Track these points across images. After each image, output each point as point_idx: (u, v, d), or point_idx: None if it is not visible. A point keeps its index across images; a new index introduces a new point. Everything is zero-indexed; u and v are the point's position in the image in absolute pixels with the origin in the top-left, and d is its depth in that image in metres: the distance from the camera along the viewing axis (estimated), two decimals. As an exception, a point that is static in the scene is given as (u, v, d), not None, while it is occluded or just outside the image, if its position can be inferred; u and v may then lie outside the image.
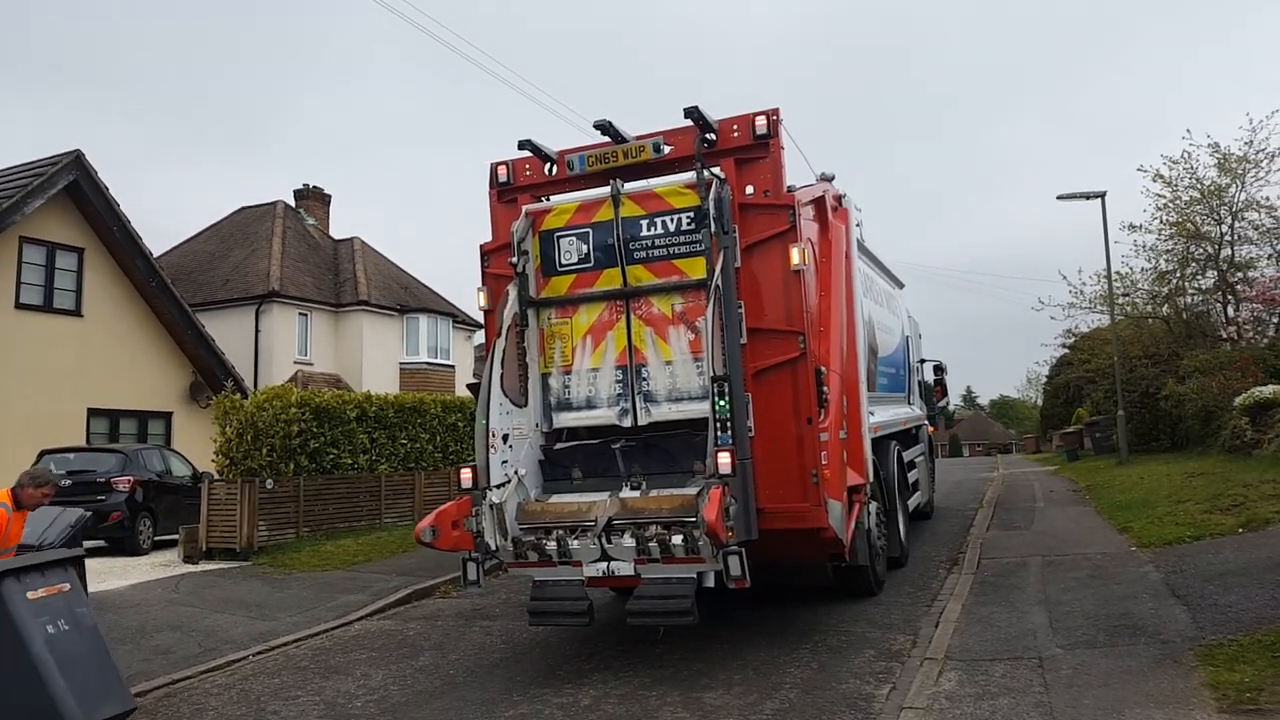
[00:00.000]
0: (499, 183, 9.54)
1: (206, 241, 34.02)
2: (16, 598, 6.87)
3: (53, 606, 7.06)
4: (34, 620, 6.87)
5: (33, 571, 7.05)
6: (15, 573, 6.93)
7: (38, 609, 6.93)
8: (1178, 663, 6.97)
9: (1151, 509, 14.57)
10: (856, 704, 6.81)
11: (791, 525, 8.19)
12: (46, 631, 6.90)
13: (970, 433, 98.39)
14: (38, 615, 6.90)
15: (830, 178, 10.75)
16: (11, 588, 6.87)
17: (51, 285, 21.85)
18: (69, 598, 7.23)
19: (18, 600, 6.87)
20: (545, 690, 7.69)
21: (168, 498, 17.97)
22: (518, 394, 8.90)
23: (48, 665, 6.77)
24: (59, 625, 7.00)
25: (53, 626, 6.95)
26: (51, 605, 7.05)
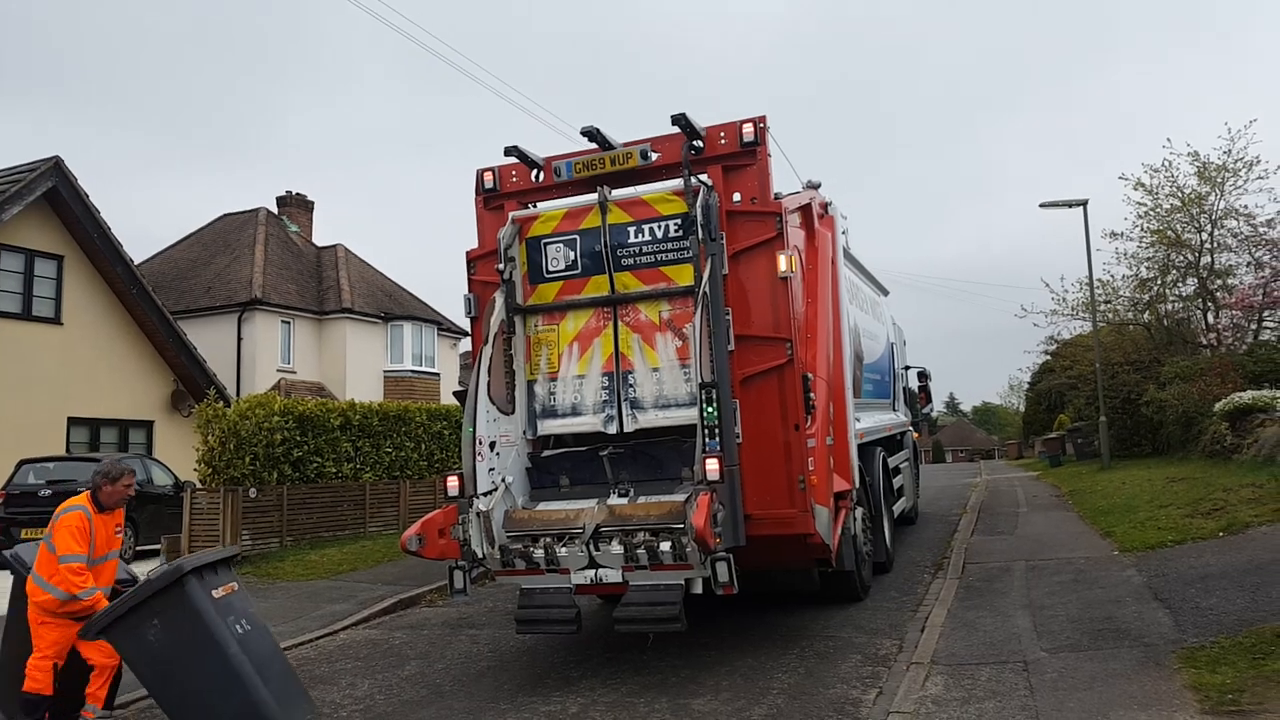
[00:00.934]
0: (485, 189, 9.54)
1: (188, 249, 33.88)
2: (204, 597, 6.65)
3: (234, 606, 6.90)
4: (223, 620, 6.68)
5: (208, 570, 6.85)
6: (198, 570, 6.69)
7: (223, 608, 6.75)
8: (1160, 665, 7.02)
9: (1133, 514, 14.67)
10: (844, 709, 6.84)
11: (779, 531, 8.21)
12: (236, 631, 6.71)
13: (954, 439, 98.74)
14: (224, 615, 6.71)
15: (817, 185, 10.80)
16: (197, 587, 6.64)
17: (30, 293, 21.75)
18: (242, 596, 7.11)
19: (206, 600, 6.65)
20: (533, 699, 7.68)
21: (150, 507, 17.84)
22: (504, 401, 8.90)
23: (245, 666, 6.59)
24: (243, 625, 6.83)
25: (239, 626, 6.78)
26: (233, 604, 6.89)
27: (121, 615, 6.63)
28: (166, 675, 6.64)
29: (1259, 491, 13.38)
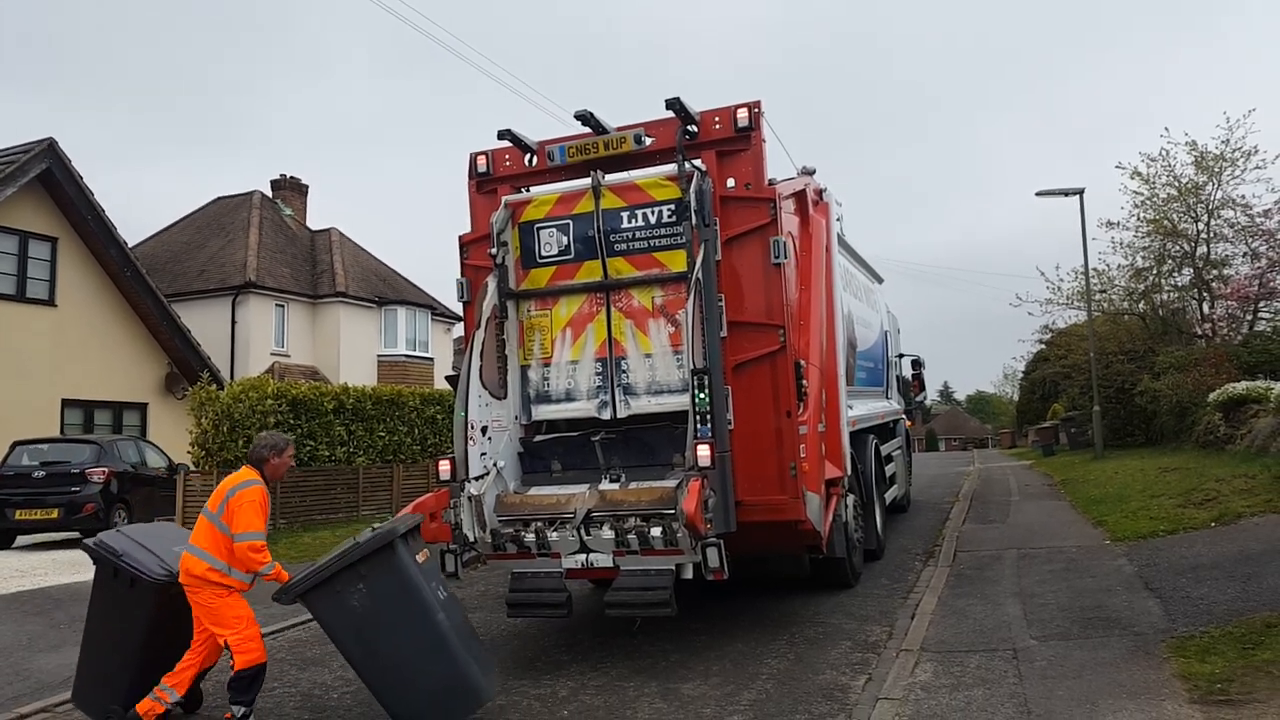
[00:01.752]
0: (478, 173, 9.49)
1: (182, 231, 33.78)
2: (412, 562, 6.54)
3: (432, 572, 6.81)
4: (428, 585, 6.56)
5: (412, 534, 6.77)
6: (405, 535, 6.59)
7: (426, 573, 6.64)
8: (1150, 654, 7.04)
9: (1125, 503, 14.71)
10: (833, 695, 6.84)
11: (770, 517, 8.20)
12: (439, 597, 6.60)
13: (947, 427, 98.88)
14: (428, 580, 6.61)
15: (811, 171, 10.76)
16: (405, 551, 6.52)
17: (24, 274, 21.72)
18: (433, 563, 7.05)
19: (413, 564, 6.54)
20: (523, 681, 7.68)
21: (143, 489, 17.87)
22: (497, 386, 8.87)
23: (450, 633, 6.47)
24: (442, 591, 6.72)
25: (440, 592, 6.68)
26: (431, 570, 6.79)
27: (326, 580, 6.45)
28: (371, 642, 6.46)
29: (1251, 482, 13.41)
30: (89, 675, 7.14)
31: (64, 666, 8.89)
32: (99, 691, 7.03)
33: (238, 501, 6.66)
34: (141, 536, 7.24)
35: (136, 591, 6.89)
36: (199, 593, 6.65)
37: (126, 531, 7.35)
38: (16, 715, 7.59)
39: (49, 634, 10.08)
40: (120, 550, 6.97)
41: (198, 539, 6.74)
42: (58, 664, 9.01)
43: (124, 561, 6.91)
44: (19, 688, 8.33)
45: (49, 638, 9.94)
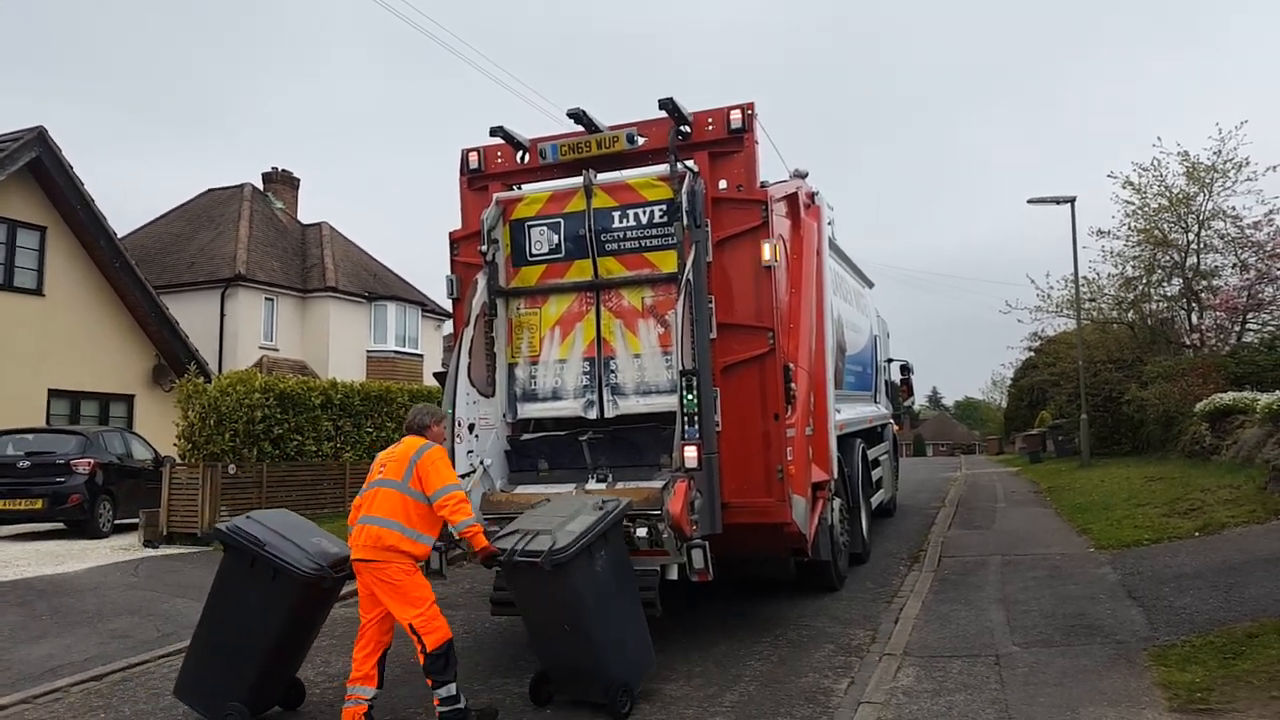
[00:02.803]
0: (470, 169, 9.48)
1: (172, 223, 33.65)
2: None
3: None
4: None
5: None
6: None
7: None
8: (1131, 662, 7.07)
9: (1111, 511, 14.75)
10: (815, 698, 6.85)
11: (756, 520, 8.20)
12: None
13: (935, 433, 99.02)
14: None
15: (804, 174, 10.76)
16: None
17: (12, 263, 21.62)
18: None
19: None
20: (507, 680, 7.67)
21: (128, 481, 17.80)
22: (485, 384, 8.86)
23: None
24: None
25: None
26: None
27: (587, 547, 6.56)
28: (606, 607, 6.70)
29: (1236, 493, 13.47)
30: (203, 669, 6.88)
31: (46, 658, 8.89)
32: (216, 687, 6.75)
33: (428, 462, 6.61)
34: (279, 525, 7.03)
35: (279, 584, 6.68)
36: (387, 568, 6.46)
37: (260, 519, 7.07)
38: (-5, 706, 7.56)
39: (30, 625, 10.03)
40: (263, 540, 6.76)
41: (383, 510, 6.54)
42: (39, 655, 8.99)
43: (268, 552, 6.69)
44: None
45: (30, 629, 9.89)
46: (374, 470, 6.80)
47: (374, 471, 6.79)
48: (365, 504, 6.64)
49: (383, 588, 6.48)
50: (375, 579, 6.48)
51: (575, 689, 6.88)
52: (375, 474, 6.75)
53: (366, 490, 6.72)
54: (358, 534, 6.56)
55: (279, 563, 6.66)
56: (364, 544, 6.49)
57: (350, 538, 6.67)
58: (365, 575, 6.53)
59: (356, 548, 6.55)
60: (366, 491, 6.71)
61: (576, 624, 6.60)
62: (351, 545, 6.63)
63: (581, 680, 6.78)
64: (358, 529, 6.58)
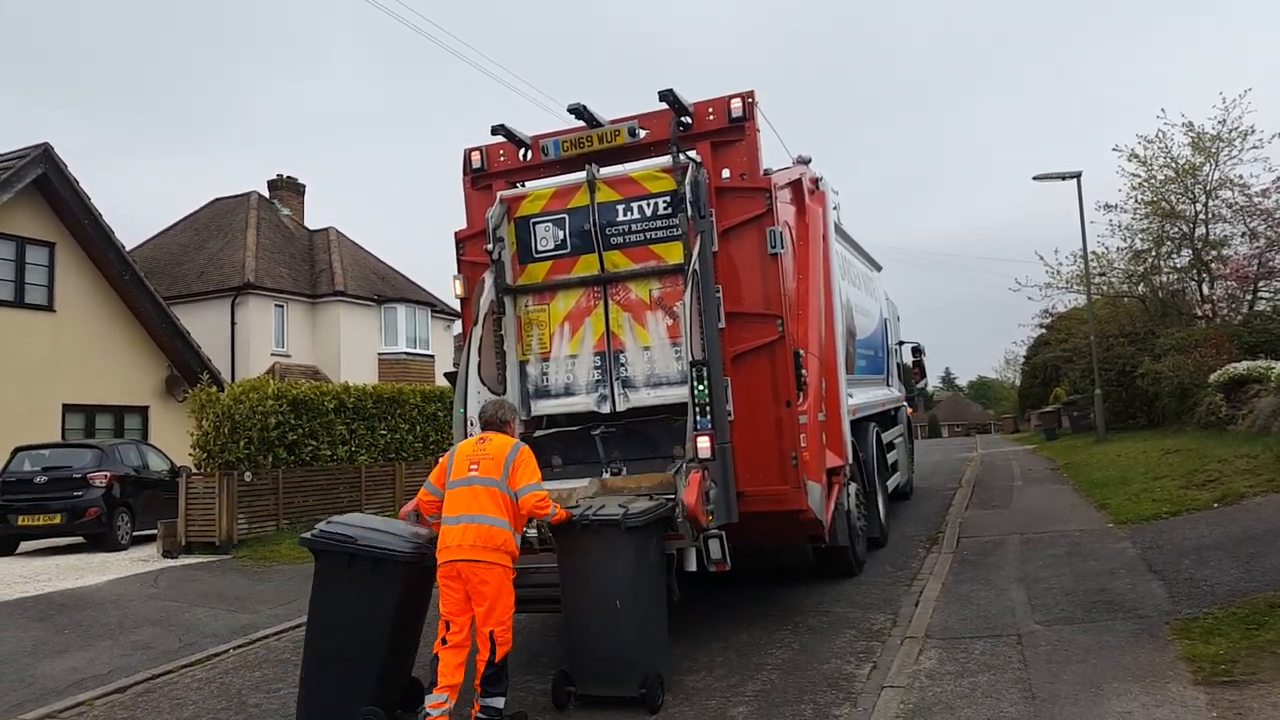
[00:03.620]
0: (473, 169, 9.47)
1: (180, 234, 33.77)
2: None
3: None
4: None
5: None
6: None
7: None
8: (1154, 637, 7.04)
9: (1128, 486, 14.70)
10: (838, 684, 6.84)
11: (771, 508, 8.19)
12: None
13: (949, 414, 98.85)
14: None
15: (807, 160, 10.73)
16: None
17: (22, 280, 21.71)
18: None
19: None
20: (528, 677, 7.68)
21: (145, 492, 17.86)
22: (496, 382, 8.86)
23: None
24: None
25: None
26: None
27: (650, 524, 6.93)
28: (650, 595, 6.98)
29: (1254, 462, 13.41)
30: (323, 684, 6.66)
31: (68, 671, 8.94)
32: (341, 697, 6.55)
33: (522, 461, 6.67)
34: (360, 521, 7.04)
35: (382, 575, 6.60)
36: (491, 570, 6.35)
37: (341, 520, 6.97)
38: (21, 722, 7.61)
39: (53, 639, 10.08)
40: (354, 535, 6.70)
41: (490, 509, 6.44)
42: (62, 669, 9.05)
43: (364, 545, 6.62)
44: (23, 694, 8.35)
45: (53, 644, 9.94)
46: (460, 466, 6.65)
47: (460, 468, 6.64)
48: (463, 502, 6.47)
49: (486, 589, 6.33)
50: (481, 579, 6.32)
51: (605, 682, 6.82)
52: (464, 470, 6.60)
53: (460, 486, 6.55)
54: (460, 532, 6.37)
55: (380, 552, 6.61)
56: (473, 542, 6.33)
57: (446, 536, 6.44)
58: (470, 575, 6.34)
59: (461, 546, 6.33)
60: (459, 489, 6.54)
61: (627, 601, 6.70)
62: (448, 544, 6.40)
63: (614, 670, 6.75)
64: (460, 528, 6.39)
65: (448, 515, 6.53)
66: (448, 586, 6.41)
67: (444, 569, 6.40)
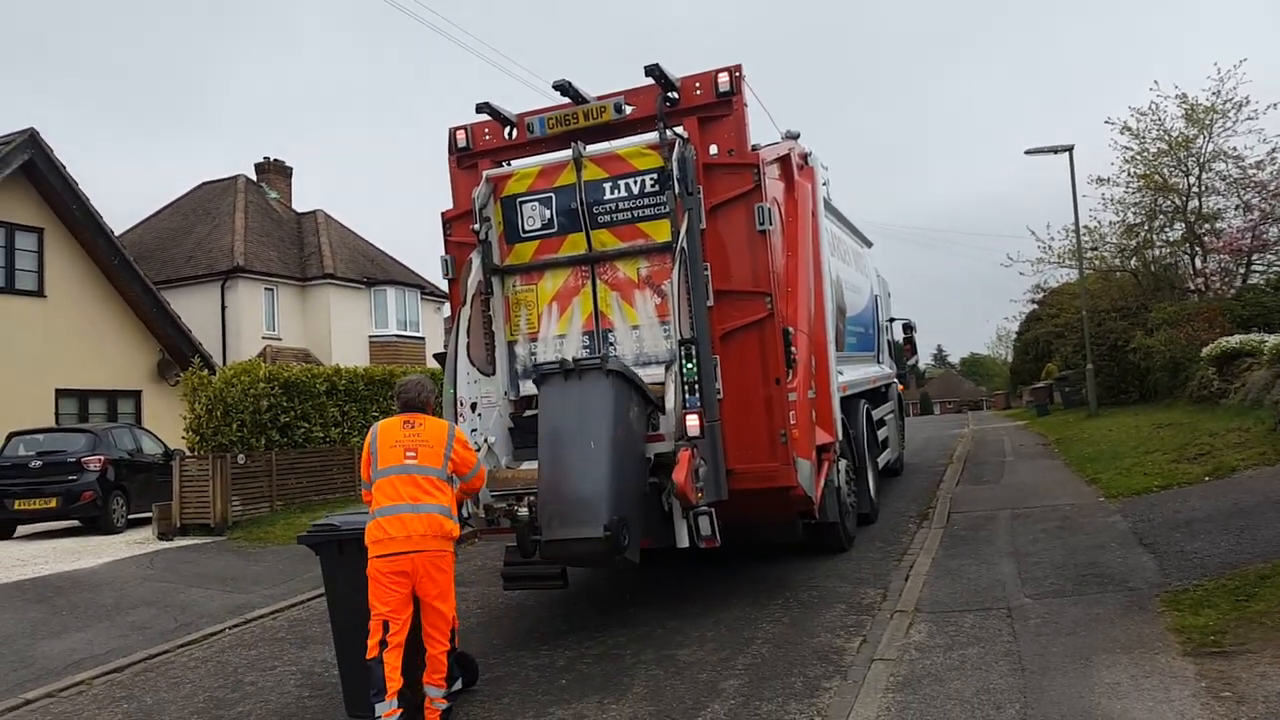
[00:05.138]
0: (458, 148, 9.42)
1: (168, 218, 33.65)
2: None
3: None
4: None
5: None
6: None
7: None
8: (1144, 609, 7.07)
9: (1120, 460, 14.75)
10: (828, 657, 6.86)
11: (761, 485, 8.19)
12: None
13: (941, 390, 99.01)
14: None
15: (795, 136, 10.69)
16: None
17: (12, 266, 21.66)
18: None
19: None
20: (521, 653, 7.71)
21: (140, 476, 17.90)
22: (485, 362, 8.85)
23: None
24: None
25: None
26: None
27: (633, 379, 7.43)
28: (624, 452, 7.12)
29: (1245, 435, 13.46)
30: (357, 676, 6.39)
31: (66, 652, 9.00)
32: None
33: (461, 446, 6.53)
34: (344, 515, 7.00)
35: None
36: (443, 559, 6.18)
37: (327, 518, 6.97)
38: (22, 701, 7.64)
39: (51, 621, 10.13)
40: (337, 524, 6.70)
41: (434, 496, 6.20)
42: (61, 649, 9.11)
43: (346, 529, 6.55)
44: (23, 674, 8.41)
45: (51, 625, 9.99)
46: (392, 453, 6.28)
47: (394, 454, 6.27)
48: (404, 490, 6.15)
49: (437, 578, 6.13)
50: (433, 567, 6.09)
51: (572, 525, 6.73)
52: (398, 457, 6.25)
53: (396, 474, 6.20)
54: (404, 522, 6.06)
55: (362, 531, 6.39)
56: (423, 532, 6.05)
57: (386, 527, 6.08)
58: (425, 565, 6.08)
59: (411, 538, 6.03)
60: (396, 477, 6.19)
61: (602, 444, 6.86)
62: (390, 535, 6.05)
63: (582, 513, 6.71)
64: (403, 517, 6.07)
65: (384, 505, 6.16)
66: (390, 581, 6.05)
67: (386, 562, 6.05)
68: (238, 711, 7.04)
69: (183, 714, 7.08)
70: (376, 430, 6.48)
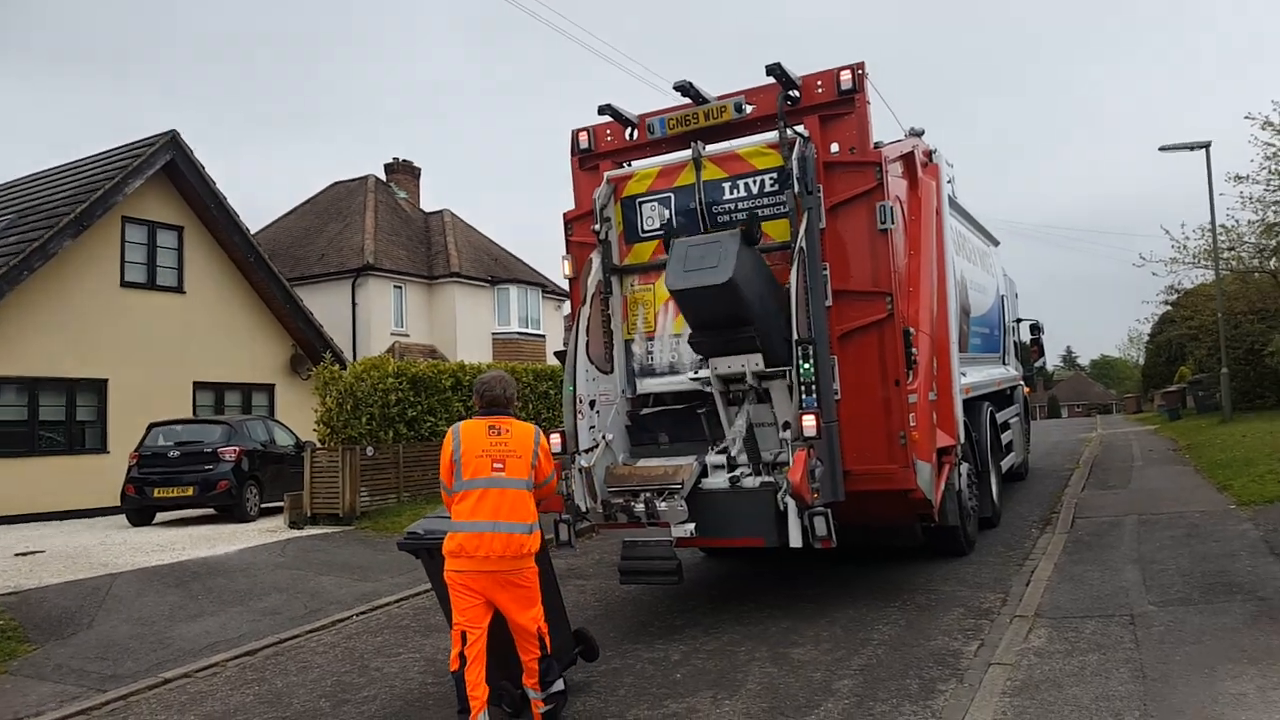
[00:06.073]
0: (580, 149, 9.59)
1: (301, 217, 34.78)
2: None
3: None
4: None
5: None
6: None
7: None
8: (1274, 620, 6.87)
9: (1253, 467, 14.21)
10: (945, 660, 6.84)
11: (879, 487, 8.16)
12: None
13: (1069, 393, 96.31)
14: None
15: (920, 132, 10.57)
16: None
17: (154, 263, 22.56)
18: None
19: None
20: (637, 645, 7.84)
21: (272, 466, 18.54)
22: (603, 361, 8.99)
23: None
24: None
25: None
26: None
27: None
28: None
29: (1387, 443, 12.87)
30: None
31: (202, 634, 9.42)
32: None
33: (545, 451, 6.33)
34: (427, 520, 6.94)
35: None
36: (519, 575, 5.97)
37: (415, 524, 6.96)
38: (161, 680, 8.05)
39: (188, 605, 10.59)
40: (420, 532, 6.70)
41: (516, 514, 5.97)
42: (196, 632, 9.53)
43: (428, 538, 6.54)
44: (162, 654, 8.83)
45: (188, 608, 10.45)
46: (478, 463, 6.03)
47: (481, 464, 6.02)
48: (489, 507, 5.94)
49: (515, 593, 5.96)
50: (508, 583, 5.92)
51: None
52: (485, 469, 6.00)
53: (483, 488, 5.97)
54: (488, 541, 5.85)
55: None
56: (499, 553, 5.84)
57: (468, 543, 5.88)
58: (508, 582, 5.94)
59: (490, 558, 5.84)
60: (484, 490, 5.97)
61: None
62: (472, 554, 5.86)
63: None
64: (487, 536, 5.86)
65: (469, 519, 5.93)
66: (469, 593, 5.93)
67: (466, 577, 5.92)
68: (364, 695, 7.31)
69: (311, 697, 7.38)
70: (460, 433, 6.18)
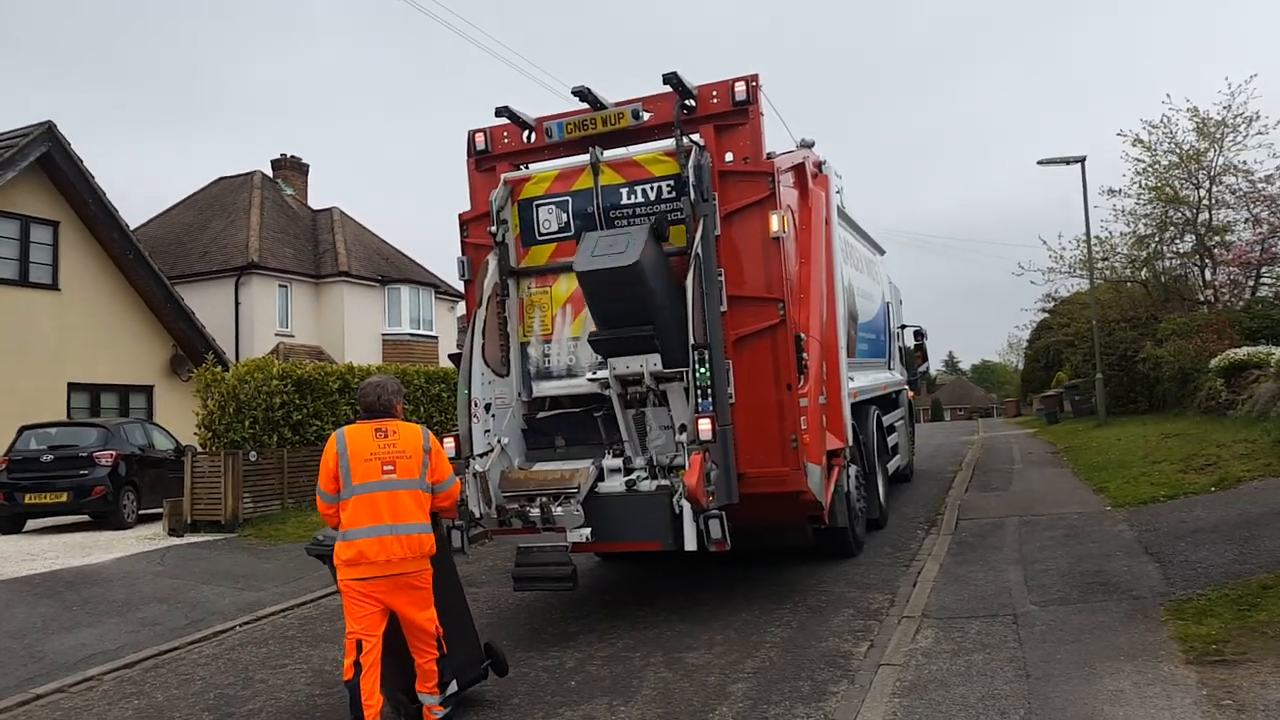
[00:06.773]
0: (477, 151, 9.51)
1: (183, 213, 33.77)
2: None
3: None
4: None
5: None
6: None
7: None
8: (1148, 617, 7.13)
9: (1127, 469, 14.80)
10: (835, 661, 6.94)
11: (772, 489, 8.28)
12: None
13: (952, 397, 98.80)
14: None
15: (810, 144, 10.77)
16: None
17: (27, 259, 21.73)
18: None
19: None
20: (531, 654, 7.79)
21: (151, 471, 17.95)
22: (499, 364, 8.94)
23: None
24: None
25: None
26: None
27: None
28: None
29: (1252, 447, 13.51)
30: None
31: (77, 647, 9.07)
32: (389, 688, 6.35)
33: (437, 450, 6.27)
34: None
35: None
36: (422, 574, 6.01)
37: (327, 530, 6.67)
38: (32, 696, 7.72)
39: (62, 615, 10.21)
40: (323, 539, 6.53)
41: (413, 515, 5.96)
42: (71, 645, 9.18)
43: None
44: (34, 669, 8.48)
45: (62, 619, 10.07)
46: (368, 467, 5.95)
47: (370, 469, 5.94)
48: (383, 509, 5.88)
49: (414, 595, 5.98)
50: (408, 585, 5.93)
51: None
52: (375, 472, 5.94)
53: (379, 491, 5.91)
54: (385, 545, 5.81)
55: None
56: (402, 555, 5.84)
57: (365, 549, 5.82)
58: (405, 584, 5.94)
59: (391, 562, 5.82)
60: (375, 494, 5.90)
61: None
62: (370, 559, 5.82)
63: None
64: (384, 540, 5.82)
65: (362, 526, 5.85)
66: (367, 601, 5.89)
67: (368, 585, 5.87)
68: (248, 709, 7.13)
69: (193, 711, 7.17)
70: (344, 439, 6.04)
